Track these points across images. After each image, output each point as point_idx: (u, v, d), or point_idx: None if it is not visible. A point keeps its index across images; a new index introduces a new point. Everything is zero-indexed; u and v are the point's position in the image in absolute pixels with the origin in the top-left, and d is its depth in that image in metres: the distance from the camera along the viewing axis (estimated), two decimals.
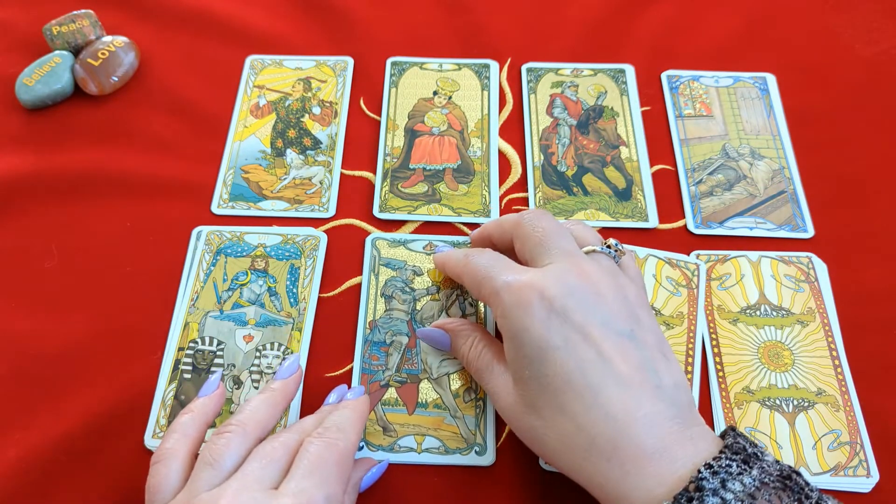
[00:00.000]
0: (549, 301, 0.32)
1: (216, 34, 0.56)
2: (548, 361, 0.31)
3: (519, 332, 0.32)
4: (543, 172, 0.49)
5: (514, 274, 0.34)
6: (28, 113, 0.52)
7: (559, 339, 0.31)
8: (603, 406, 0.30)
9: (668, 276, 0.43)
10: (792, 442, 0.38)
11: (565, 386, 0.31)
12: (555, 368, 0.31)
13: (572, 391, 0.31)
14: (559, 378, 0.31)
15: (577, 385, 0.31)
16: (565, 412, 0.31)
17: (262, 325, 0.42)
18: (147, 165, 0.49)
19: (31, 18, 0.57)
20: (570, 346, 0.31)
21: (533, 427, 0.32)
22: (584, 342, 0.31)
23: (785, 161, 0.49)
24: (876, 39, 0.56)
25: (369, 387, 0.40)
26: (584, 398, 0.30)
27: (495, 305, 0.34)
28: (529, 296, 0.32)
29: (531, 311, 0.32)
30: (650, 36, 0.56)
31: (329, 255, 0.45)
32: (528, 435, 0.33)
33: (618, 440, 0.30)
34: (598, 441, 0.30)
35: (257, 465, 0.31)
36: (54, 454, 0.38)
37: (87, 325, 0.43)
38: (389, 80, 0.54)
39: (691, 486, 0.27)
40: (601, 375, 0.31)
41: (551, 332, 0.32)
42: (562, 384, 0.31)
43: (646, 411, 0.30)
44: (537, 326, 0.32)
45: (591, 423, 0.30)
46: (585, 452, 0.30)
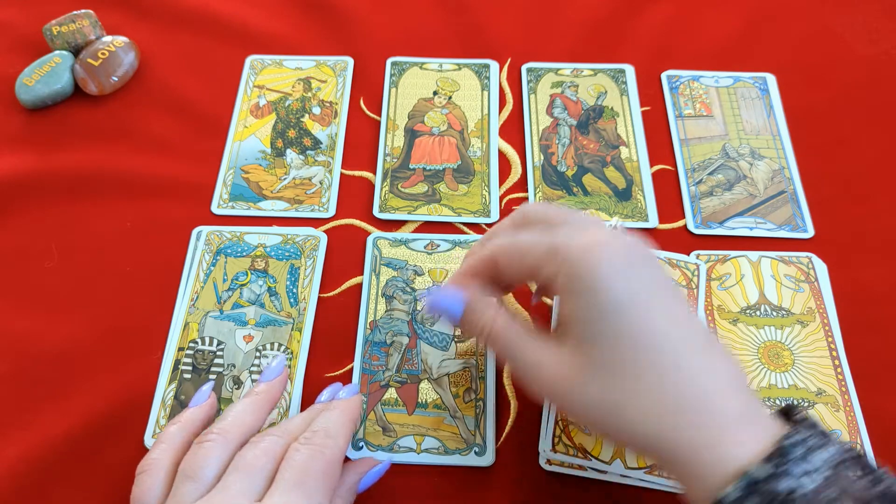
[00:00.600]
0: (624, 254, 0.29)
1: (216, 34, 0.56)
2: (626, 316, 0.28)
3: (594, 282, 0.29)
4: (543, 172, 0.49)
5: (571, 230, 0.31)
6: (28, 113, 0.52)
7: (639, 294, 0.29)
8: (688, 365, 0.28)
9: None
10: None
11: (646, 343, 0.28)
12: (635, 325, 0.28)
13: (654, 350, 0.28)
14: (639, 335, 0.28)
15: (659, 343, 0.28)
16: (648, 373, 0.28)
17: (262, 326, 0.42)
18: (147, 165, 0.49)
19: (31, 18, 0.57)
20: (650, 304, 0.29)
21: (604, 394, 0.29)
22: (661, 303, 0.29)
23: (785, 161, 0.49)
24: (876, 39, 0.56)
25: (369, 387, 0.40)
26: (668, 356, 0.28)
27: (557, 263, 0.30)
28: (600, 247, 0.29)
29: (606, 261, 0.29)
30: (650, 36, 0.56)
31: (329, 255, 0.45)
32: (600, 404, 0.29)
33: (704, 402, 0.28)
34: (683, 402, 0.28)
35: (240, 477, 0.30)
36: (54, 454, 0.38)
37: (87, 325, 0.43)
38: (389, 80, 0.54)
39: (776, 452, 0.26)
40: (682, 335, 0.29)
41: (631, 285, 0.29)
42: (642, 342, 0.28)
43: (730, 376, 0.29)
44: (616, 277, 0.29)
45: (677, 383, 0.28)
46: (670, 416, 0.28)
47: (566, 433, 0.38)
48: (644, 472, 0.37)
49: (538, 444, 0.38)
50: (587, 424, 0.31)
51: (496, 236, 0.34)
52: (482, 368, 0.41)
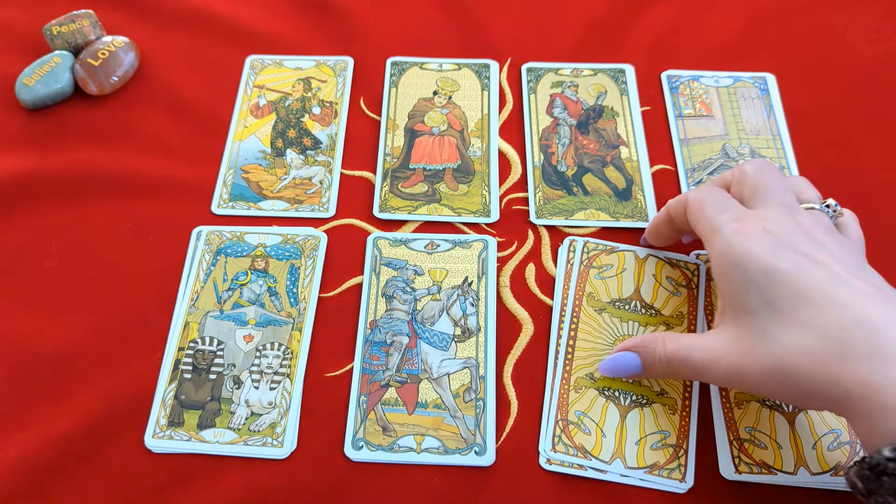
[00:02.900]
0: (773, 234, 0.32)
1: (216, 34, 0.56)
2: (777, 282, 0.31)
3: (741, 258, 0.32)
4: (543, 172, 0.49)
5: (735, 211, 0.34)
6: (28, 113, 0.52)
7: (787, 262, 0.31)
8: (852, 313, 0.29)
9: (668, 276, 0.43)
10: (792, 442, 0.38)
11: (800, 300, 0.30)
12: (786, 287, 0.31)
13: (812, 305, 0.30)
14: (795, 296, 0.30)
15: (815, 298, 0.30)
16: (809, 325, 0.30)
17: (263, 325, 0.42)
18: (147, 165, 0.49)
19: (31, 18, 0.57)
20: (801, 268, 0.31)
21: (771, 356, 0.31)
22: (815, 265, 0.31)
23: (785, 161, 0.49)
24: (876, 39, 0.56)
25: (369, 387, 0.40)
26: (827, 308, 0.30)
27: (715, 239, 0.34)
28: (753, 228, 0.33)
29: (755, 240, 0.32)
30: (650, 36, 0.56)
31: (329, 255, 0.45)
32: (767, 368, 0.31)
33: (877, 344, 0.29)
34: (853, 347, 0.29)
35: None
36: (54, 454, 0.38)
37: (87, 325, 0.43)
38: (389, 80, 0.54)
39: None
40: (841, 289, 0.30)
41: (778, 257, 0.31)
42: (798, 301, 0.30)
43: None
44: (763, 251, 0.32)
45: (843, 330, 0.29)
46: (840, 361, 0.29)
47: (566, 433, 0.38)
48: (644, 472, 0.37)
49: (538, 444, 0.38)
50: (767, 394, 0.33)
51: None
52: (482, 368, 0.41)
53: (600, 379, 0.40)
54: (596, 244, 0.44)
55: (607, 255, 0.44)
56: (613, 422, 0.39)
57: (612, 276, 0.43)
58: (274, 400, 0.40)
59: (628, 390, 0.40)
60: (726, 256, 0.33)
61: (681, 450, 0.38)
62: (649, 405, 0.39)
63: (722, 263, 0.33)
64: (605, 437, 0.38)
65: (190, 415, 0.40)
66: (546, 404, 0.39)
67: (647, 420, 0.39)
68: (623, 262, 0.43)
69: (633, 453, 0.38)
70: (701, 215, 0.36)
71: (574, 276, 0.43)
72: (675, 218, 0.40)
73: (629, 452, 0.38)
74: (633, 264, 0.43)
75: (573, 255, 0.44)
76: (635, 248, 0.44)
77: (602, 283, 0.43)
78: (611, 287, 0.43)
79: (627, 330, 0.41)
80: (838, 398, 0.30)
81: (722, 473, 0.37)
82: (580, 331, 0.41)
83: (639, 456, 0.38)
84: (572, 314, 0.42)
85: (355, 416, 0.39)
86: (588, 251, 0.44)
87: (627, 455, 0.38)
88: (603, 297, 0.42)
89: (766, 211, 0.34)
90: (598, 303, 0.42)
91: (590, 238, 0.45)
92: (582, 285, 0.43)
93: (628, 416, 0.39)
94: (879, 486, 0.28)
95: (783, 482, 0.37)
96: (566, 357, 0.41)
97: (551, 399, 0.39)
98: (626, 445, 0.38)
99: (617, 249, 0.44)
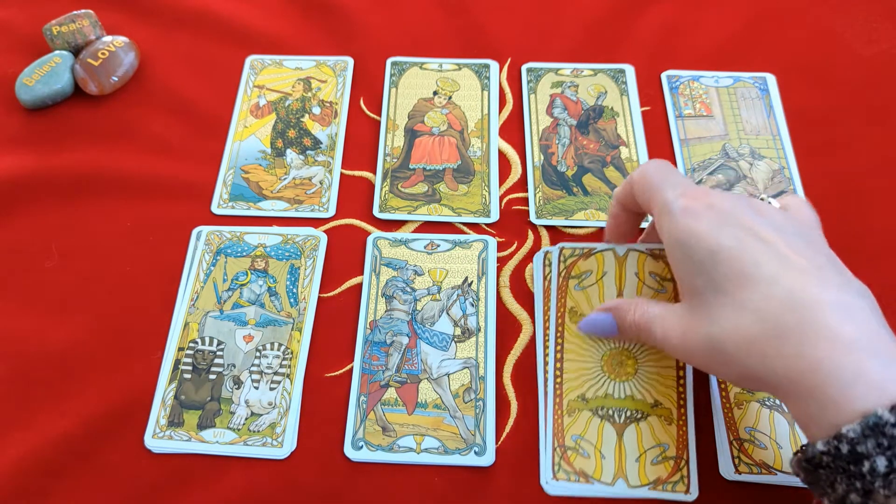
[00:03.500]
0: (717, 209, 0.32)
1: (216, 34, 0.56)
2: (720, 262, 0.31)
3: (688, 237, 0.32)
4: (543, 172, 0.49)
5: (681, 187, 0.34)
6: (28, 113, 0.52)
7: (730, 239, 0.31)
8: (786, 290, 0.29)
9: (651, 272, 0.40)
10: (791, 442, 0.38)
11: (741, 280, 0.30)
12: (729, 266, 0.30)
13: (750, 284, 0.30)
14: (734, 274, 0.30)
15: (753, 277, 0.30)
16: (744, 305, 0.30)
17: (262, 325, 0.42)
18: (147, 165, 0.49)
19: (31, 18, 0.57)
20: (742, 244, 0.31)
21: (709, 334, 0.31)
22: (757, 240, 0.31)
23: (785, 161, 0.49)
24: (876, 39, 0.56)
25: (369, 387, 0.40)
26: (762, 287, 0.29)
27: (664, 220, 0.34)
28: (697, 205, 0.32)
29: (700, 218, 0.32)
30: (650, 36, 0.56)
31: (329, 255, 0.45)
32: (707, 346, 0.31)
33: (806, 325, 0.28)
34: (783, 327, 0.28)
35: None
36: (54, 454, 0.38)
37: (87, 325, 0.43)
38: (389, 80, 0.54)
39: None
40: (779, 266, 0.30)
41: (721, 235, 0.31)
42: (737, 280, 0.30)
43: (834, 298, 0.29)
44: (707, 230, 0.31)
45: (774, 309, 0.29)
46: (770, 340, 0.29)
47: (565, 459, 0.38)
48: (648, 489, 0.37)
49: (538, 445, 0.38)
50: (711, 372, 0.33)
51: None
52: (482, 368, 0.41)
53: (592, 399, 0.39)
54: (572, 249, 0.42)
55: (585, 261, 0.41)
56: (611, 441, 0.38)
57: (592, 283, 0.41)
58: (274, 400, 0.40)
59: (622, 406, 0.39)
60: (675, 236, 0.33)
61: (682, 461, 0.38)
62: (644, 419, 0.39)
63: (671, 244, 0.33)
64: (605, 458, 0.38)
65: (190, 415, 0.40)
66: (542, 432, 0.39)
67: (644, 435, 0.38)
68: (602, 266, 0.41)
69: (634, 471, 0.37)
70: (649, 191, 0.35)
71: (553, 293, 0.41)
72: (626, 204, 0.38)
73: (630, 471, 0.37)
74: (613, 266, 0.41)
75: (549, 268, 0.42)
76: (614, 245, 0.41)
77: (583, 294, 0.41)
78: (592, 297, 0.41)
79: (614, 343, 0.40)
80: (769, 381, 0.29)
81: (722, 474, 0.37)
82: (566, 351, 0.40)
83: (640, 473, 0.37)
84: (556, 335, 0.41)
85: (355, 417, 0.39)
86: (565, 259, 0.42)
87: (629, 474, 0.37)
88: (585, 310, 0.41)
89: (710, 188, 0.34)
90: (581, 317, 0.40)
91: (566, 243, 0.42)
92: (563, 300, 0.41)
93: (625, 434, 0.38)
94: (817, 477, 0.28)
95: (783, 482, 0.37)
96: (556, 381, 0.40)
97: (546, 426, 0.39)
98: (627, 464, 0.38)
99: (595, 251, 0.41)
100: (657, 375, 0.40)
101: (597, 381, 0.40)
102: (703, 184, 0.48)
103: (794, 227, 0.33)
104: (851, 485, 0.26)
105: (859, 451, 0.26)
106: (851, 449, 0.26)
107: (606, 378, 0.40)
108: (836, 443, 0.27)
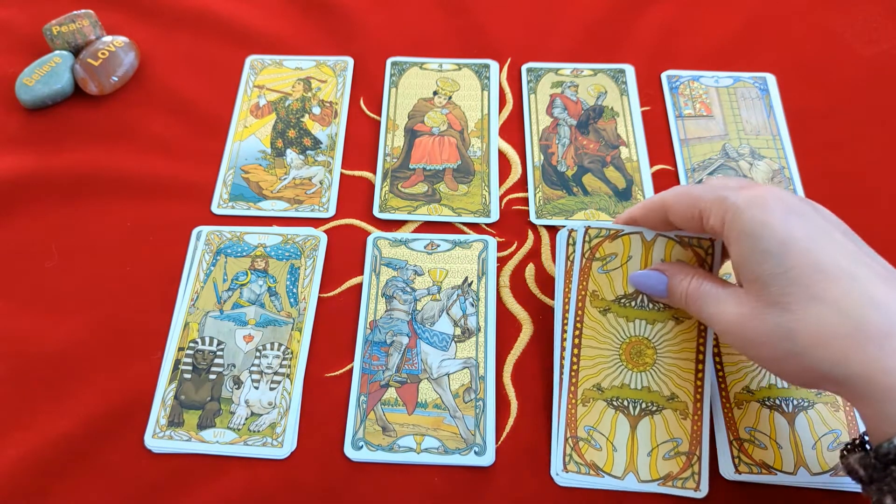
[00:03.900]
0: (787, 203, 0.31)
1: (216, 34, 0.56)
2: (793, 252, 0.30)
3: (757, 227, 0.31)
4: (543, 172, 0.49)
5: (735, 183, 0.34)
6: (28, 113, 0.52)
7: (802, 232, 0.30)
8: (867, 291, 0.29)
9: (678, 259, 0.39)
10: (792, 442, 0.38)
11: (818, 274, 0.29)
12: (803, 258, 0.30)
13: (827, 278, 0.29)
14: (809, 267, 0.30)
15: (831, 272, 0.29)
16: (823, 299, 0.29)
17: (262, 325, 0.42)
18: (147, 165, 0.49)
19: (31, 18, 0.57)
20: (816, 240, 0.30)
21: (778, 324, 0.30)
22: (830, 239, 0.30)
23: (785, 161, 0.49)
24: (876, 39, 0.56)
25: (369, 387, 0.40)
26: (843, 283, 0.29)
27: (723, 210, 0.32)
28: (766, 197, 0.32)
29: (770, 209, 0.31)
30: (650, 36, 0.56)
31: (329, 255, 0.45)
32: (772, 335, 0.30)
33: (890, 325, 0.28)
34: (865, 326, 0.28)
35: None
36: (54, 454, 0.38)
37: (87, 325, 0.43)
38: (389, 80, 0.54)
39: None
40: (856, 264, 0.29)
41: (794, 226, 0.30)
42: (813, 272, 0.29)
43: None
44: (779, 221, 0.31)
45: (857, 307, 0.28)
46: (850, 340, 0.28)
47: (577, 450, 0.38)
48: (658, 485, 0.37)
49: (537, 444, 0.38)
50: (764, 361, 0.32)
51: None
52: (482, 368, 0.41)
53: (608, 388, 0.39)
54: (598, 229, 0.39)
55: (611, 242, 0.39)
56: (624, 434, 0.38)
57: (616, 267, 0.40)
58: (274, 400, 0.40)
59: (637, 398, 0.39)
60: (744, 230, 0.32)
61: (694, 456, 0.37)
62: (660, 412, 0.38)
63: (739, 238, 0.32)
64: (617, 450, 0.38)
65: (190, 415, 0.40)
66: (554, 422, 0.39)
67: (658, 429, 0.38)
68: (629, 249, 0.39)
69: (645, 465, 0.37)
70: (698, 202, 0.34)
71: (575, 274, 0.40)
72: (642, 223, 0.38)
73: (641, 465, 0.37)
74: (639, 250, 0.39)
75: (573, 248, 0.40)
76: (642, 229, 0.39)
77: (606, 277, 0.40)
78: (615, 282, 0.39)
79: (635, 331, 0.40)
80: (839, 377, 0.29)
81: (722, 474, 0.37)
82: (584, 336, 0.40)
83: (651, 467, 0.37)
84: (575, 319, 0.40)
85: (355, 416, 0.39)
86: (590, 239, 0.40)
87: (640, 468, 0.37)
88: (607, 294, 0.40)
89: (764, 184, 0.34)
90: (603, 302, 0.40)
91: (591, 222, 0.41)
92: (584, 283, 0.40)
93: (639, 427, 0.38)
94: (886, 475, 0.28)
95: (783, 482, 0.37)
96: (572, 369, 0.39)
97: (559, 416, 0.39)
98: (638, 458, 0.38)
99: (622, 233, 0.39)
100: (676, 367, 0.39)
101: (614, 370, 0.39)
102: (703, 184, 0.48)
103: (851, 233, 0.33)
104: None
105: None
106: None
107: (624, 367, 0.39)
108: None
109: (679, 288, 0.36)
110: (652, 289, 0.38)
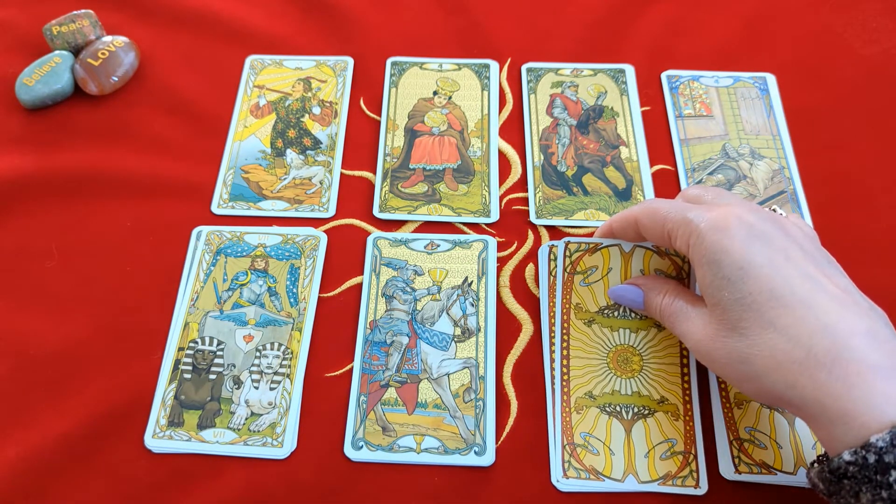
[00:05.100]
0: (748, 225, 0.32)
1: (216, 34, 0.56)
2: (750, 279, 0.31)
3: (717, 253, 0.32)
4: (543, 172, 0.49)
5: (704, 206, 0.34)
6: (28, 113, 0.52)
7: (762, 258, 0.31)
8: (818, 317, 0.29)
9: (656, 269, 0.41)
10: (792, 442, 0.38)
11: (772, 301, 0.30)
12: (759, 285, 0.31)
13: (781, 305, 0.30)
14: (764, 294, 0.30)
15: (785, 299, 0.30)
16: (775, 326, 0.30)
17: (262, 325, 0.43)
18: (147, 165, 0.49)
19: (31, 18, 0.57)
20: (775, 265, 0.31)
21: (736, 349, 0.31)
22: (788, 262, 0.31)
23: (785, 161, 0.49)
24: (876, 39, 0.56)
25: (369, 387, 0.40)
26: (796, 310, 0.30)
27: (687, 234, 0.33)
28: (728, 219, 0.32)
29: (731, 233, 0.32)
30: (650, 36, 0.56)
31: (329, 255, 0.45)
32: (731, 357, 0.32)
33: (838, 351, 0.29)
34: (815, 352, 0.29)
35: None
36: (54, 454, 0.38)
37: (87, 325, 0.43)
38: (389, 80, 0.54)
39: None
40: (811, 290, 0.30)
41: (753, 252, 0.31)
42: (768, 300, 0.30)
43: (866, 326, 0.29)
44: (738, 247, 0.31)
45: (807, 335, 0.29)
46: (801, 366, 0.29)
47: (575, 456, 0.38)
48: (658, 484, 0.37)
49: (538, 445, 0.38)
50: (728, 379, 0.33)
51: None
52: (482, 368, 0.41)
53: (600, 396, 0.39)
54: (578, 244, 0.41)
55: (591, 256, 0.41)
56: (619, 437, 0.38)
57: (597, 280, 0.41)
58: (274, 400, 0.40)
59: (629, 403, 0.39)
60: (705, 257, 0.33)
61: (690, 455, 0.38)
62: (652, 415, 0.39)
63: (696, 259, 0.33)
64: (614, 454, 0.38)
65: (190, 415, 0.40)
66: (550, 429, 0.39)
67: (652, 431, 0.39)
68: (608, 261, 0.41)
69: (643, 466, 0.38)
70: (663, 219, 0.35)
71: (559, 289, 0.42)
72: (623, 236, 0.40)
73: (640, 466, 0.38)
74: (619, 262, 0.41)
75: (555, 263, 0.42)
76: (620, 241, 0.41)
77: (588, 290, 0.41)
78: (598, 294, 0.41)
79: (619, 339, 0.41)
80: (794, 401, 0.30)
81: (722, 473, 0.37)
82: (572, 347, 0.41)
83: (650, 468, 0.37)
84: (562, 331, 0.41)
85: (355, 416, 0.39)
86: (570, 254, 0.41)
87: (639, 469, 0.37)
88: (591, 306, 0.41)
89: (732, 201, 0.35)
90: (587, 314, 0.41)
91: (571, 238, 0.42)
92: (568, 297, 0.41)
93: (633, 430, 0.39)
94: (840, 488, 0.29)
95: (783, 482, 0.37)
96: (563, 379, 0.40)
97: (554, 424, 0.39)
98: (636, 459, 0.38)
99: (601, 246, 0.41)
100: (662, 372, 0.40)
101: (604, 378, 0.40)
102: (703, 184, 0.48)
103: (815, 246, 0.33)
104: (877, 494, 0.27)
105: (886, 461, 0.26)
106: (879, 458, 0.27)
107: (613, 375, 0.40)
108: (864, 452, 0.27)
109: (653, 304, 0.38)
110: (631, 302, 0.40)
